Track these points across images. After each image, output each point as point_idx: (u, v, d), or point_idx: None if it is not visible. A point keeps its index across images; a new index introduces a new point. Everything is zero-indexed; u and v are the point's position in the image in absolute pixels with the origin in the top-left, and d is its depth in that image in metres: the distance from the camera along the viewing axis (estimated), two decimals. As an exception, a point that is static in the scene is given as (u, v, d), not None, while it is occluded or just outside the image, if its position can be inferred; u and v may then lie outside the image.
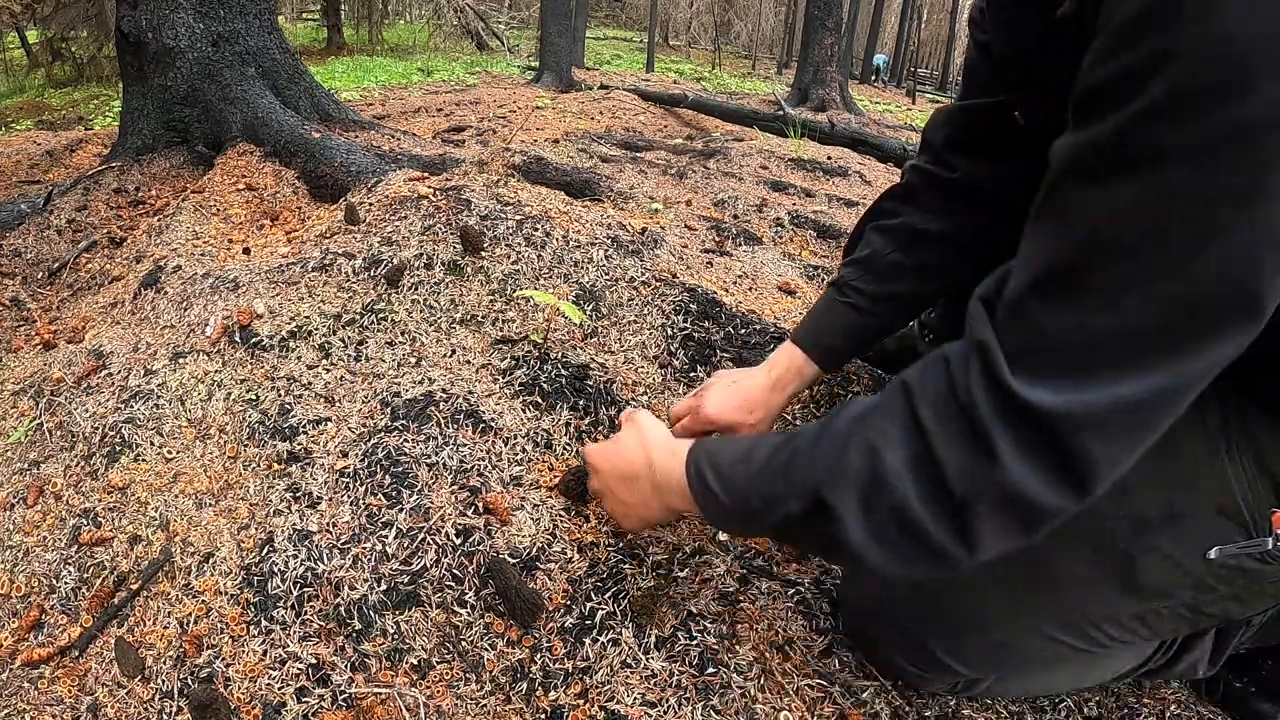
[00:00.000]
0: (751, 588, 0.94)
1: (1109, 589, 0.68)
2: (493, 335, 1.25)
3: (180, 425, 1.12)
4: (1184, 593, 0.66)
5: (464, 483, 1.02)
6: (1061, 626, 0.71)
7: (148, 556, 0.97)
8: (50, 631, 0.93)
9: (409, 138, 2.80)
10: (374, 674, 0.85)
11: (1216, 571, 0.64)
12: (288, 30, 11.45)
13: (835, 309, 0.92)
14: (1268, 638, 0.86)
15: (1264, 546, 0.61)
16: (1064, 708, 0.86)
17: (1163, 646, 0.80)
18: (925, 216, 0.90)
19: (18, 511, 1.06)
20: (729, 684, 0.84)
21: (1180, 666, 0.84)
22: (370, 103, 5.72)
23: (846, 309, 0.91)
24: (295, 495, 1.01)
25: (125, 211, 2.13)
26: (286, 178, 2.10)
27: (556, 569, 0.94)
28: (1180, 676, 0.87)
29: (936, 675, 0.80)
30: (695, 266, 1.60)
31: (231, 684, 0.84)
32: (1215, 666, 0.85)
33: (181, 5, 2.34)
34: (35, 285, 1.86)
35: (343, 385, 1.16)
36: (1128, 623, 0.69)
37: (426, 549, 0.94)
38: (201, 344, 1.23)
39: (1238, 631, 0.83)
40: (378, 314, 1.25)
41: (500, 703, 0.83)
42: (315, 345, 1.21)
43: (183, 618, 0.91)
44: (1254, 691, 0.89)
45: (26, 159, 2.95)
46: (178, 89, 2.38)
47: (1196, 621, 0.69)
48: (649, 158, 2.92)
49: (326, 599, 0.90)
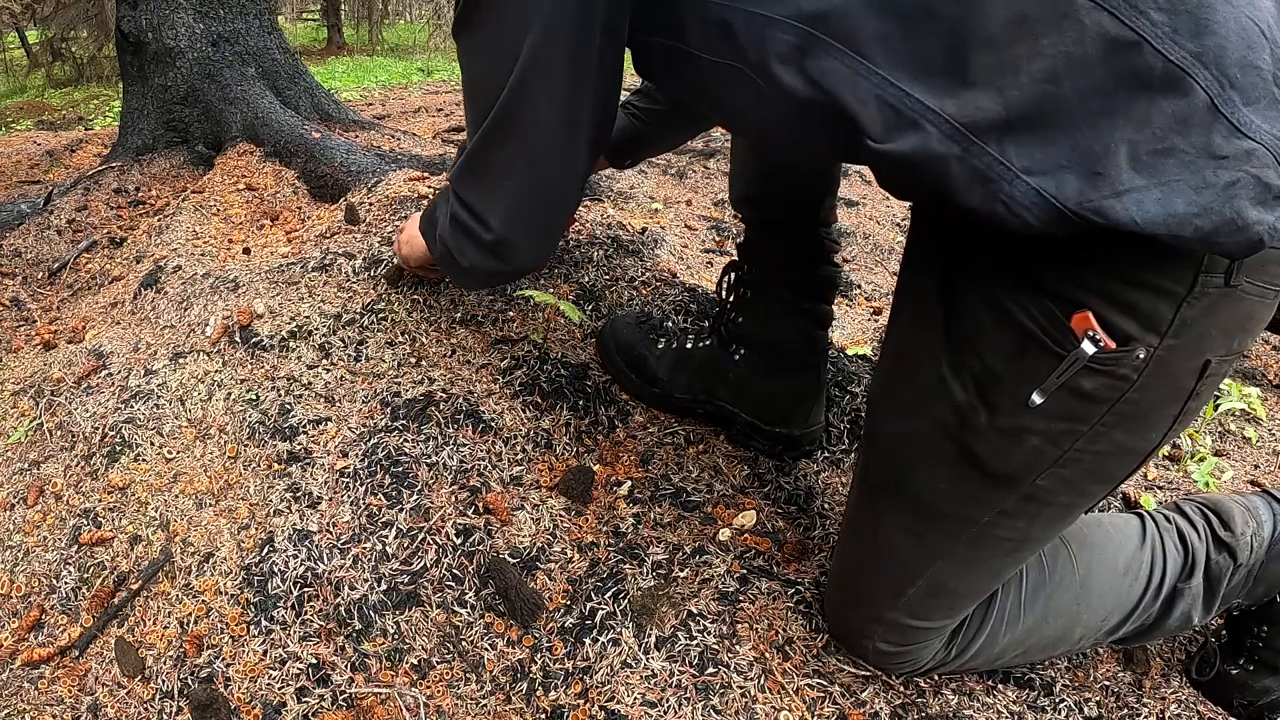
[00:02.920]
0: (751, 588, 0.94)
1: (976, 486, 0.69)
2: (493, 335, 1.25)
3: (180, 425, 1.12)
4: (1043, 451, 0.65)
5: (464, 483, 1.02)
6: (970, 543, 0.73)
7: (148, 556, 0.97)
8: (50, 631, 0.93)
9: (409, 138, 2.80)
10: (374, 674, 0.85)
11: (1055, 411, 0.62)
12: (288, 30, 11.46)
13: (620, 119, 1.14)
14: (1256, 590, 0.87)
15: (1083, 358, 0.59)
16: (1064, 708, 0.87)
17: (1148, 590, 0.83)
18: None
19: (18, 511, 1.06)
20: (729, 684, 0.84)
21: (1173, 619, 0.85)
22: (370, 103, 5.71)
23: (629, 118, 1.12)
24: (295, 495, 1.01)
25: (125, 211, 2.13)
26: (286, 178, 2.10)
27: (556, 569, 0.94)
28: (1177, 630, 0.88)
29: (916, 646, 0.82)
30: (695, 266, 1.60)
31: (231, 684, 0.84)
32: (1209, 613, 0.86)
33: (181, 5, 2.34)
34: (35, 285, 1.86)
35: (343, 385, 1.16)
36: (1022, 505, 0.69)
37: (426, 549, 0.94)
38: (201, 344, 1.23)
39: (1225, 572, 0.84)
40: (378, 314, 1.25)
41: (500, 703, 0.83)
42: (315, 345, 1.21)
43: (183, 618, 0.91)
44: (1253, 670, 0.89)
45: (26, 159, 2.96)
46: (178, 89, 2.38)
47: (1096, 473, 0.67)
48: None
49: (326, 599, 0.90)
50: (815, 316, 1.09)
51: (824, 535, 1.04)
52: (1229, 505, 0.88)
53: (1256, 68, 0.50)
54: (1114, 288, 0.57)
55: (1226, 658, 0.91)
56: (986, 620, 0.82)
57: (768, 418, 1.11)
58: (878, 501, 0.79)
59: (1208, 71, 0.50)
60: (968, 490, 0.70)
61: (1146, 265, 0.56)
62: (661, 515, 1.03)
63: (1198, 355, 0.60)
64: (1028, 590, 0.83)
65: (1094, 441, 0.64)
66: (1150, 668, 0.93)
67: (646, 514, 1.02)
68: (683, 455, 1.12)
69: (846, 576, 0.86)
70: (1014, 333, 0.62)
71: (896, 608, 0.79)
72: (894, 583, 0.79)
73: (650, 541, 0.99)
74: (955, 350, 0.67)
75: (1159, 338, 0.58)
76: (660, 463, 1.11)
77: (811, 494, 1.10)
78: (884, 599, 0.80)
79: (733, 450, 1.14)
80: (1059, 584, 0.83)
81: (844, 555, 0.86)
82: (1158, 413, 0.63)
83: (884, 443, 0.77)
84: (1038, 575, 0.83)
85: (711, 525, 1.02)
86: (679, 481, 1.08)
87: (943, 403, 0.68)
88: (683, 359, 1.15)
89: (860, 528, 0.82)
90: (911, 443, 0.73)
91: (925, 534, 0.75)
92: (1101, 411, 0.62)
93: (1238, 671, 0.90)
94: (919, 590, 0.77)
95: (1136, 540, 0.86)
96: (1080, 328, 0.58)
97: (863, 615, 0.83)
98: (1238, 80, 0.50)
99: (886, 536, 0.78)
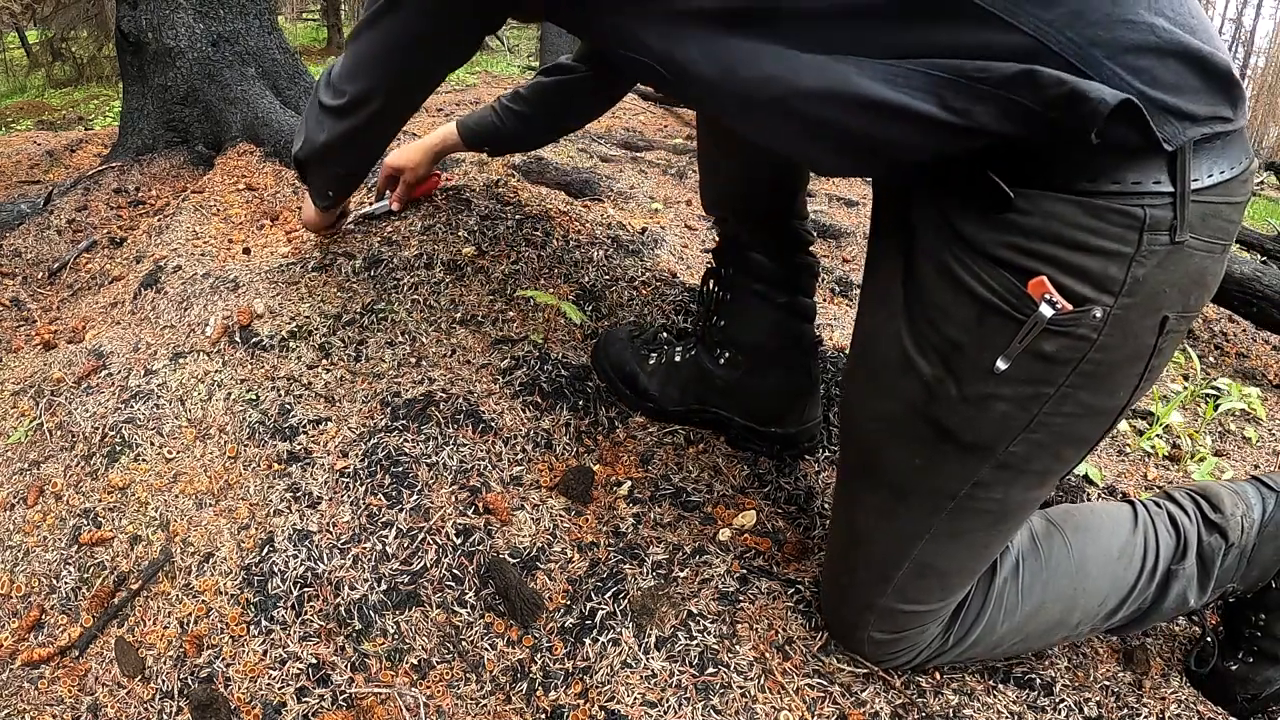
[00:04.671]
0: (751, 588, 0.94)
1: (951, 461, 0.70)
2: (493, 335, 1.25)
3: (180, 425, 1.12)
4: (1012, 416, 0.66)
5: (464, 483, 1.02)
6: (951, 518, 0.73)
7: (148, 556, 0.97)
8: (50, 631, 0.93)
9: (409, 137, 2.80)
10: (374, 674, 0.85)
11: (1020, 376, 0.64)
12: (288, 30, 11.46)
13: (487, 114, 1.29)
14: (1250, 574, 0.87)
15: (1042, 321, 0.60)
16: (1064, 708, 0.87)
17: (1142, 572, 0.85)
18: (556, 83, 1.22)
19: (18, 511, 1.06)
20: (729, 684, 0.84)
21: (1169, 600, 0.86)
22: (370, 103, 5.71)
23: (492, 114, 1.28)
24: (295, 495, 1.01)
25: (125, 211, 2.13)
26: (287, 178, 2.10)
27: (556, 569, 0.94)
28: (1175, 611, 0.89)
29: (912, 631, 0.82)
30: (695, 266, 1.60)
31: (231, 684, 0.84)
32: (1205, 593, 0.87)
33: (181, 5, 2.34)
34: (35, 285, 1.86)
35: (343, 385, 1.16)
36: (997, 474, 0.70)
37: (426, 549, 0.94)
38: (201, 344, 1.23)
39: (1218, 553, 0.85)
40: (378, 314, 1.25)
41: (500, 703, 0.83)
42: (315, 345, 1.21)
43: (183, 618, 0.91)
44: (1253, 662, 0.90)
45: (26, 159, 2.95)
46: (178, 89, 2.38)
47: (1067, 435, 0.68)
48: (649, 158, 2.92)
49: (326, 599, 0.90)
50: (796, 309, 1.08)
51: (824, 535, 1.04)
52: (1217, 489, 0.90)
53: None
54: (1062, 253, 0.59)
55: (1226, 654, 0.91)
56: (985, 608, 0.83)
57: (761, 418, 1.11)
58: (855, 487, 0.80)
59: None
60: (941, 464, 0.71)
61: (1089, 230, 0.58)
62: (661, 515, 1.03)
63: (1154, 313, 0.62)
64: (1025, 578, 0.83)
65: (1061, 404, 0.65)
66: (1150, 668, 0.93)
67: (646, 514, 1.02)
68: (683, 455, 1.12)
69: (836, 569, 0.87)
70: (973, 303, 0.64)
71: (886, 593, 0.80)
72: (881, 568, 0.79)
73: (650, 541, 0.99)
74: (917, 326, 0.68)
75: (1113, 297, 0.60)
76: (660, 463, 1.11)
77: (811, 494, 1.10)
78: (873, 586, 0.80)
79: (732, 450, 1.14)
80: (1055, 569, 0.84)
81: (832, 548, 0.87)
82: (1122, 372, 0.65)
83: (857, 429, 0.79)
84: (1034, 562, 0.84)
85: (711, 525, 1.02)
86: (679, 481, 1.08)
87: (910, 379, 0.69)
88: (671, 371, 1.14)
89: (843, 517, 0.83)
90: (883, 423, 0.74)
91: (904, 514, 0.76)
92: (1065, 373, 0.63)
93: (1238, 666, 0.90)
94: (906, 573, 0.78)
95: (1129, 525, 0.87)
96: (1037, 292, 0.60)
97: (855, 606, 0.83)
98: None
99: (867, 521, 0.79)
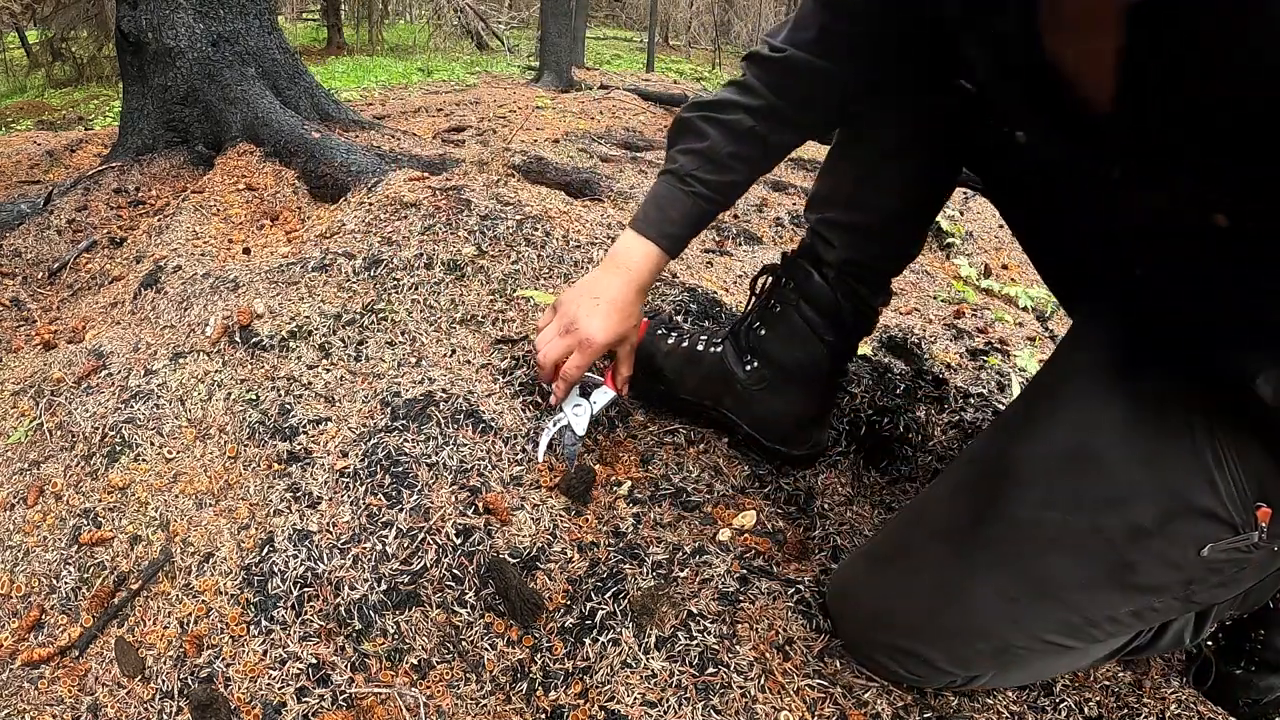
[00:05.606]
0: (751, 588, 0.94)
1: (1108, 592, 0.71)
2: (493, 335, 1.25)
3: (180, 425, 1.12)
4: (1178, 587, 0.70)
5: (464, 483, 1.02)
6: (1062, 630, 0.74)
7: (148, 556, 0.97)
8: (50, 631, 0.93)
9: (409, 138, 2.80)
10: (374, 674, 0.85)
11: (1208, 565, 0.68)
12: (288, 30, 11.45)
13: (678, 199, 0.95)
14: (1247, 605, 0.88)
15: (1251, 539, 0.66)
16: (1064, 708, 0.86)
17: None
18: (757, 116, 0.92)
19: (18, 511, 1.06)
20: (729, 684, 0.84)
21: (1166, 639, 0.86)
22: (370, 103, 5.71)
23: (691, 198, 0.94)
24: (295, 495, 1.01)
25: (125, 211, 2.13)
26: (286, 178, 2.10)
27: (556, 569, 0.94)
28: (1168, 649, 0.89)
29: (935, 678, 0.81)
30: (695, 266, 1.60)
31: (231, 684, 0.84)
32: (1200, 634, 0.87)
33: (181, 5, 2.34)
34: (35, 285, 1.86)
35: (343, 385, 1.16)
36: (1124, 619, 0.73)
37: (426, 549, 0.94)
38: (201, 344, 1.23)
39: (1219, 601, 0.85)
40: (378, 314, 1.25)
41: (500, 703, 0.83)
42: (315, 345, 1.21)
43: (183, 618, 0.91)
44: (1255, 670, 0.90)
45: (26, 159, 2.95)
46: (178, 89, 2.38)
47: (1187, 607, 0.74)
48: (649, 158, 2.92)
49: (326, 599, 0.90)
50: (837, 351, 1.06)
51: (824, 535, 1.04)
52: None
53: None
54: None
55: (1227, 661, 0.92)
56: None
57: (769, 435, 1.10)
58: (982, 562, 0.75)
59: None
60: (1098, 590, 0.71)
61: None
62: (661, 515, 1.03)
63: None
64: None
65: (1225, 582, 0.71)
66: (1150, 668, 0.93)
67: (646, 514, 1.02)
68: (683, 455, 1.12)
69: (892, 604, 0.81)
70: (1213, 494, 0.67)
71: (938, 649, 0.77)
72: (957, 633, 0.76)
73: (650, 541, 0.98)
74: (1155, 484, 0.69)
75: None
76: (660, 463, 1.11)
77: (811, 494, 1.10)
78: (934, 641, 0.77)
79: (733, 450, 1.14)
80: None
81: (896, 585, 0.81)
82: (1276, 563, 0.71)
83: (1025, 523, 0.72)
84: None
85: (711, 525, 1.02)
86: (679, 481, 1.08)
87: (1120, 515, 0.69)
88: (692, 360, 1.12)
89: (941, 574, 0.77)
90: (1063, 533, 0.71)
91: (1028, 607, 0.73)
92: (1242, 564, 0.69)
93: (1240, 672, 0.90)
94: (981, 649, 0.76)
95: None
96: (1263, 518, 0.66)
97: (895, 644, 0.80)
98: None
99: (979, 594, 0.74)
